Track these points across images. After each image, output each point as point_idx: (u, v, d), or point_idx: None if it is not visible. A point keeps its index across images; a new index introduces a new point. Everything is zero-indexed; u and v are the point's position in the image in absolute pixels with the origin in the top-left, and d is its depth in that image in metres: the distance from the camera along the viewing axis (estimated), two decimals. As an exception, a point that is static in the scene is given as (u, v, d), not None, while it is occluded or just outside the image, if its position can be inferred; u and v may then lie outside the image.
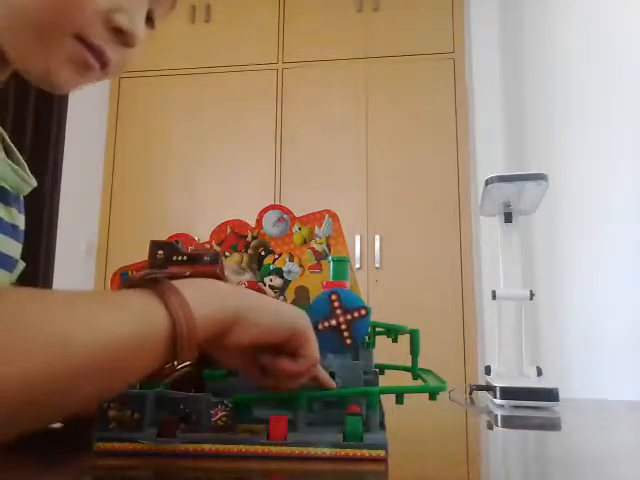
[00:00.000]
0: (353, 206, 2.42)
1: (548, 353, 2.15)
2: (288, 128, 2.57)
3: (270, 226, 0.61)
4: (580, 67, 2.36)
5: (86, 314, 0.33)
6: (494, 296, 1.00)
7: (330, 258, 0.56)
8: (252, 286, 0.58)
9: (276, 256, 0.60)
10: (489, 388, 0.91)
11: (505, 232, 1.04)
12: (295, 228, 0.61)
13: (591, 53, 2.33)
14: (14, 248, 0.58)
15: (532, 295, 0.99)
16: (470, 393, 0.96)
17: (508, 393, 0.86)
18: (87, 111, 2.59)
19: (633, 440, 0.65)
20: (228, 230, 0.61)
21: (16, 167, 0.60)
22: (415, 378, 0.58)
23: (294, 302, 0.58)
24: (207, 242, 0.61)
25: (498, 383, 0.88)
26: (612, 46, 2.28)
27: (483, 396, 0.95)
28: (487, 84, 2.51)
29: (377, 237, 2.39)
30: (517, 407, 0.84)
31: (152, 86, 2.69)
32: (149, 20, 0.52)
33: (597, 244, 2.21)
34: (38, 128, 2.21)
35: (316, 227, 0.61)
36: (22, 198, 0.63)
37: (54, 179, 2.30)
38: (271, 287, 0.58)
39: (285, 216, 0.61)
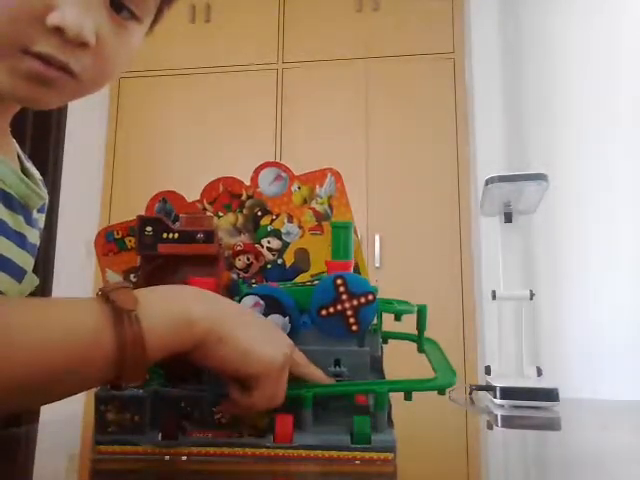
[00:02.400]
0: (353, 206, 2.41)
1: (548, 353, 2.15)
2: (288, 128, 2.57)
3: (267, 185, 0.57)
4: (580, 67, 2.36)
5: (38, 318, 0.37)
6: (494, 296, 1.00)
7: (332, 224, 0.53)
8: (249, 248, 0.55)
9: (274, 217, 0.56)
10: (489, 388, 0.90)
11: (505, 232, 1.04)
12: (294, 187, 0.57)
13: (591, 53, 2.33)
14: (21, 257, 0.56)
15: (532, 295, 0.99)
16: (470, 393, 0.96)
17: (508, 393, 0.86)
18: (87, 111, 2.59)
19: (633, 440, 0.65)
20: (220, 188, 0.58)
21: (26, 179, 0.58)
22: (421, 351, 0.56)
23: (294, 265, 0.55)
24: (198, 201, 0.57)
25: (498, 383, 0.88)
26: (612, 46, 2.28)
27: (483, 396, 0.95)
28: (487, 84, 2.51)
29: (377, 237, 2.39)
30: (517, 407, 0.84)
31: (152, 86, 2.69)
32: (123, 9, 0.48)
33: (597, 244, 2.21)
34: (38, 128, 2.21)
35: (317, 186, 0.58)
36: (37, 215, 0.61)
37: (54, 179, 2.30)
38: (269, 249, 0.55)
39: (283, 174, 0.58)
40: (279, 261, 0.55)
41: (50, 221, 2.27)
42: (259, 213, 0.57)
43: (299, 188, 0.58)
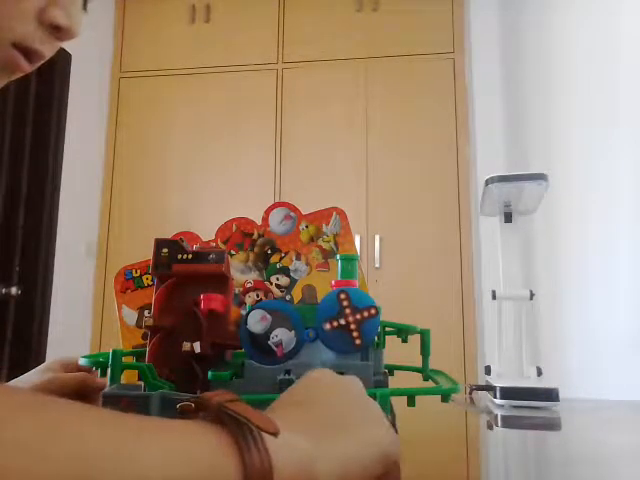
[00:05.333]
0: (353, 206, 2.41)
1: (548, 353, 2.15)
2: (288, 128, 2.57)
3: (276, 224, 0.60)
4: (580, 67, 2.36)
5: (129, 446, 0.25)
6: (494, 296, 1.00)
7: (338, 256, 0.55)
8: (259, 285, 0.57)
9: (283, 254, 0.59)
10: (489, 388, 0.90)
11: (505, 232, 1.04)
12: (302, 226, 0.60)
13: (591, 53, 2.33)
14: None
15: (532, 295, 0.99)
16: (470, 393, 0.96)
17: (508, 393, 0.86)
18: (87, 111, 2.59)
19: (633, 440, 0.65)
20: (234, 228, 0.61)
21: None
22: (426, 379, 0.57)
23: (301, 301, 0.57)
24: (212, 240, 0.60)
25: (498, 383, 0.88)
26: (612, 46, 2.28)
27: (483, 396, 0.95)
28: (487, 84, 2.51)
29: (377, 237, 2.39)
30: (517, 407, 0.84)
31: (152, 86, 2.69)
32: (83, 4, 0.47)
33: (597, 244, 2.21)
34: (38, 128, 2.21)
35: (323, 225, 0.60)
36: None
37: (54, 179, 2.30)
38: (277, 286, 0.57)
39: (292, 214, 0.60)
40: (287, 297, 0.57)
41: (50, 221, 2.27)
42: (269, 251, 0.59)
43: (306, 227, 0.60)
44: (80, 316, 2.47)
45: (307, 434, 0.32)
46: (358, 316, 0.48)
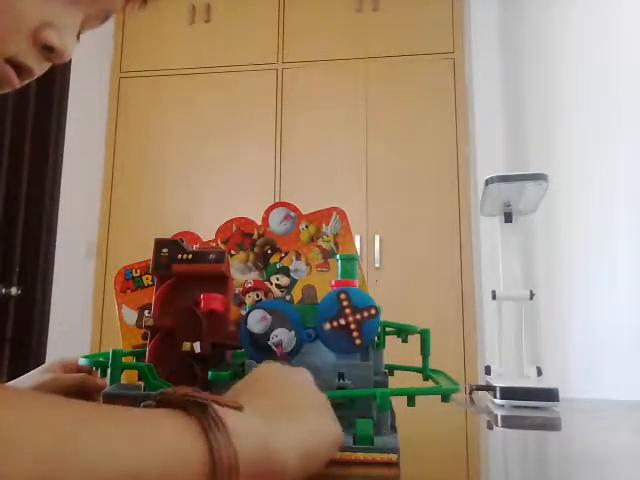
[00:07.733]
0: (353, 206, 2.41)
1: (548, 353, 2.15)
2: (288, 128, 2.57)
3: (276, 224, 0.60)
4: (580, 67, 2.36)
5: (96, 436, 0.25)
6: (494, 296, 1.00)
7: (338, 256, 0.55)
8: (259, 285, 0.57)
9: (283, 254, 0.59)
10: (489, 388, 0.91)
11: (505, 232, 1.04)
12: (302, 226, 0.60)
13: (591, 53, 2.33)
14: None
15: (532, 295, 0.99)
16: (470, 393, 0.96)
17: (508, 393, 0.86)
18: (87, 111, 2.59)
19: (633, 440, 0.65)
20: (234, 228, 0.61)
21: None
22: (426, 379, 0.56)
23: (301, 301, 0.57)
24: (212, 240, 0.60)
25: (498, 383, 0.88)
26: (612, 46, 2.28)
27: (483, 396, 0.95)
28: (487, 84, 2.51)
29: (377, 237, 2.39)
30: (517, 407, 0.84)
31: (152, 86, 2.69)
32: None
33: (597, 244, 2.21)
34: (38, 128, 2.21)
35: (323, 225, 0.60)
36: None
37: (54, 179, 2.30)
38: (277, 286, 0.57)
39: (292, 214, 0.61)
40: (287, 297, 0.57)
41: (50, 221, 2.27)
42: (269, 251, 0.59)
43: (306, 227, 0.60)
44: (80, 316, 2.47)
45: (262, 418, 0.33)
46: (358, 316, 0.48)
